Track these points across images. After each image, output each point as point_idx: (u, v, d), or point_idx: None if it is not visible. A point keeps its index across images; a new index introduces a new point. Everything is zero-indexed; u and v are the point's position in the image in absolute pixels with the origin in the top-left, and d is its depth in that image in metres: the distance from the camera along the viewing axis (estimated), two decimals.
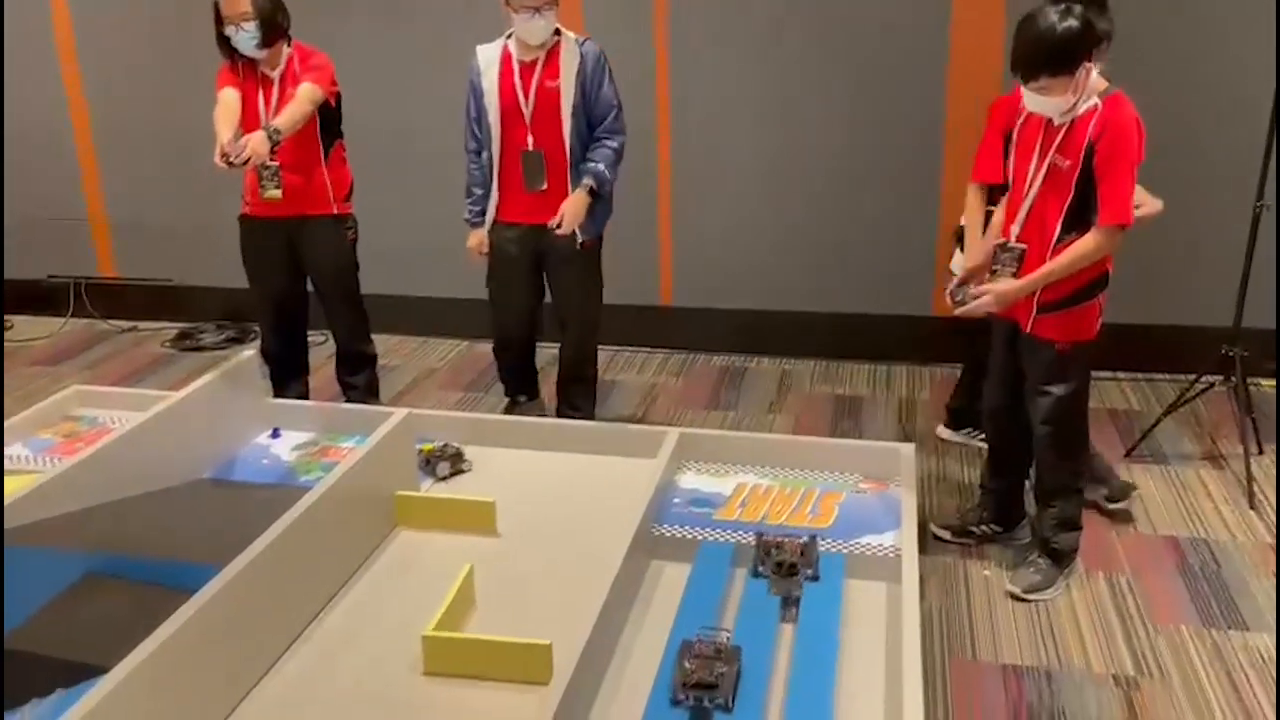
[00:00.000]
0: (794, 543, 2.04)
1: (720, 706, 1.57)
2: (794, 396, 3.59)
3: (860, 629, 1.84)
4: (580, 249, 2.95)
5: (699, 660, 1.65)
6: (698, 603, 1.92)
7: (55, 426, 2.69)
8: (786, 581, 1.96)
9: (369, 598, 1.94)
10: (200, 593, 1.57)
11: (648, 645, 1.80)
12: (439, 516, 2.20)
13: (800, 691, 1.66)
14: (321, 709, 1.59)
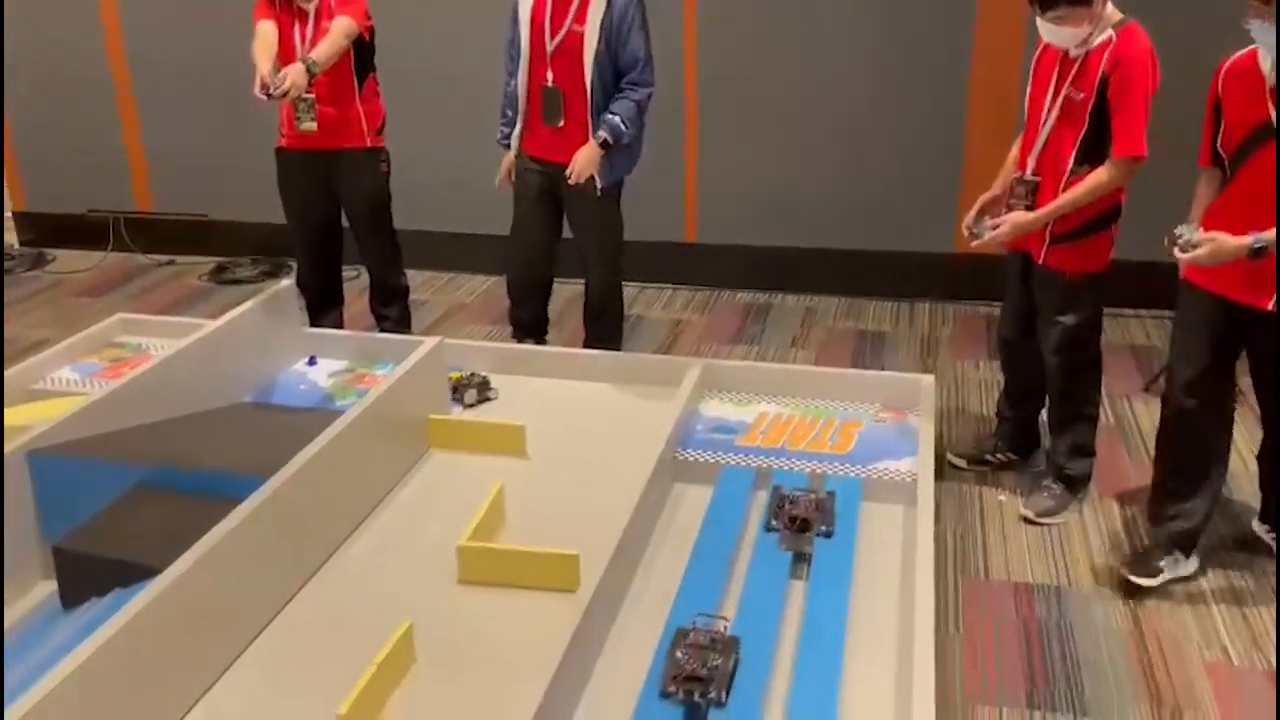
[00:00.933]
0: (809, 498, 2.00)
1: (712, 701, 1.46)
2: (817, 332, 3.64)
3: (875, 552, 1.91)
4: (599, 194, 2.98)
5: (692, 650, 1.53)
6: (718, 522, 2.00)
7: (101, 352, 2.79)
8: (798, 538, 1.90)
9: (405, 513, 2.03)
10: (245, 502, 1.66)
11: (670, 560, 1.88)
12: (470, 439, 2.29)
13: (809, 654, 1.61)
14: (362, 614, 1.69)
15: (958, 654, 1.98)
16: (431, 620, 1.64)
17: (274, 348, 2.68)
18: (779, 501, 1.99)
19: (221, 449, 2.02)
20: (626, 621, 1.72)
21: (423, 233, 4.04)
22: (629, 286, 3.72)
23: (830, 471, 2.16)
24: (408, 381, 2.24)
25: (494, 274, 4.17)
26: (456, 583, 1.79)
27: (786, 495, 2.01)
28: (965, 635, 2.05)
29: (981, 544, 2.38)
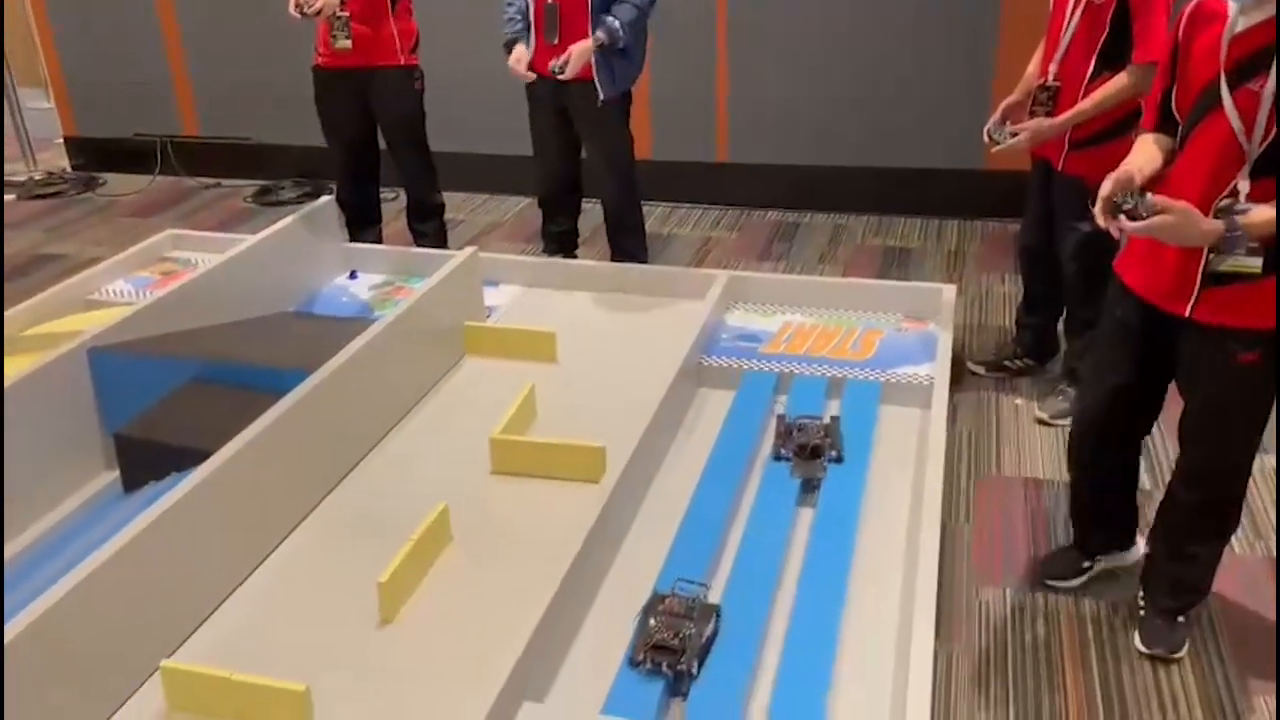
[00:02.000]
0: (817, 424, 1.97)
1: (682, 672, 1.38)
2: (844, 248, 3.67)
3: (890, 454, 1.98)
4: (602, 105, 2.99)
5: (666, 618, 1.44)
6: (740, 422, 2.08)
7: (152, 266, 2.92)
8: (809, 464, 1.87)
9: (441, 411, 2.14)
10: (291, 394, 1.77)
11: (693, 456, 1.97)
12: (504, 345, 2.38)
13: (815, 572, 1.63)
14: (401, 498, 1.80)
15: (967, 541, 2.06)
16: (466, 505, 1.74)
17: (315, 261, 2.79)
18: (785, 430, 1.96)
19: (269, 349, 2.13)
20: (648, 512, 1.82)
21: (457, 154, 4.10)
22: (659, 206, 3.75)
23: (849, 376, 2.24)
24: (443, 290, 2.33)
25: (527, 195, 4.23)
26: (490, 473, 1.89)
27: (793, 424, 1.97)
28: (975, 525, 2.12)
29: (995, 444, 2.44)
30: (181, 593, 1.48)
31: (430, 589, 1.58)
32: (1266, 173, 1.65)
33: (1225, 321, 1.71)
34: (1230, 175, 1.69)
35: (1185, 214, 1.63)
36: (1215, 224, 1.65)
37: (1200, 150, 1.74)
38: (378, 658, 1.44)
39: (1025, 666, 1.77)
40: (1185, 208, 1.64)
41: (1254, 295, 1.69)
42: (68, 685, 1.26)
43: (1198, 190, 1.71)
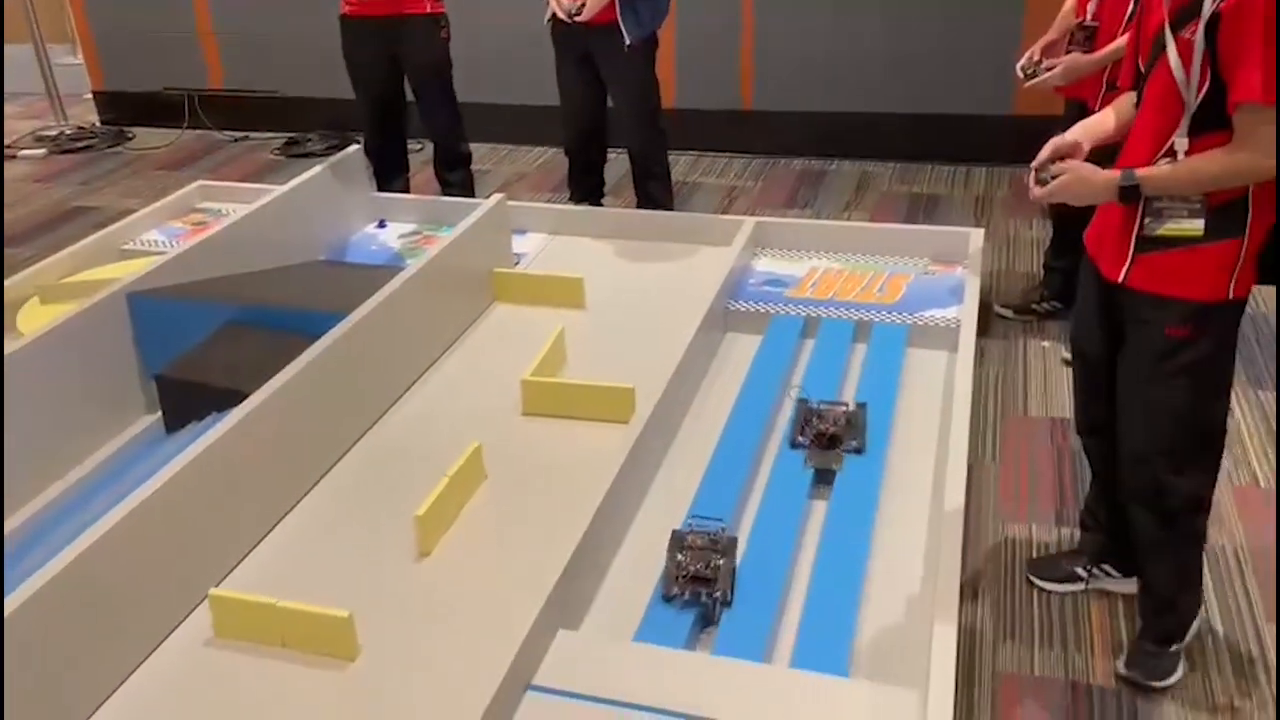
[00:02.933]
0: (837, 411, 1.85)
1: (718, 600, 1.42)
2: (871, 195, 3.67)
3: (916, 397, 1.99)
4: (628, 50, 2.98)
5: (692, 552, 1.48)
6: (767, 365, 2.10)
7: (184, 217, 2.95)
8: (825, 454, 1.76)
9: (472, 355, 2.17)
10: (326, 336, 1.80)
11: (720, 399, 1.99)
12: (532, 291, 2.41)
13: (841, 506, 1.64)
14: (435, 439, 1.84)
15: (993, 481, 2.09)
16: (498, 445, 1.78)
17: (344, 210, 2.81)
18: (805, 417, 1.85)
19: (303, 294, 2.17)
20: (677, 451, 1.85)
21: (483, 105, 4.11)
22: (685, 154, 3.74)
23: (876, 319, 2.24)
24: (472, 236, 2.35)
25: (552, 145, 4.23)
26: (521, 414, 1.93)
27: (814, 410, 1.86)
28: (1001, 464, 2.15)
29: (1023, 386, 2.46)
30: (226, 526, 1.53)
31: (466, 524, 1.62)
32: (1207, 128, 1.56)
33: (1159, 290, 1.62)
34: (1173, 131, 1.58)
35: (1076, 170, 1.60)
36: (1109, 175, 1.59)
37: (1150, 105, 1.67)
38: (416, 588, 1.48)
39: (1050, 600, 1.80)
40: (1076, 165, 1.62)
41: (1190, 263, 1.58)
42: (118, 614, 1.31)
43: (1147, 149, 1.62)
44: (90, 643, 1.27)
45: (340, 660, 1.34)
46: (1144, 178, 1.56)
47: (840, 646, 1.34)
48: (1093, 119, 1.77)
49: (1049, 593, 1.81)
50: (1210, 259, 1.56)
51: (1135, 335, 1.67)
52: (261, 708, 1.28)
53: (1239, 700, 1.69)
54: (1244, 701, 1.70)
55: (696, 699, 1.23)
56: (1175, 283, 1.59)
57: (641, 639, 1.37)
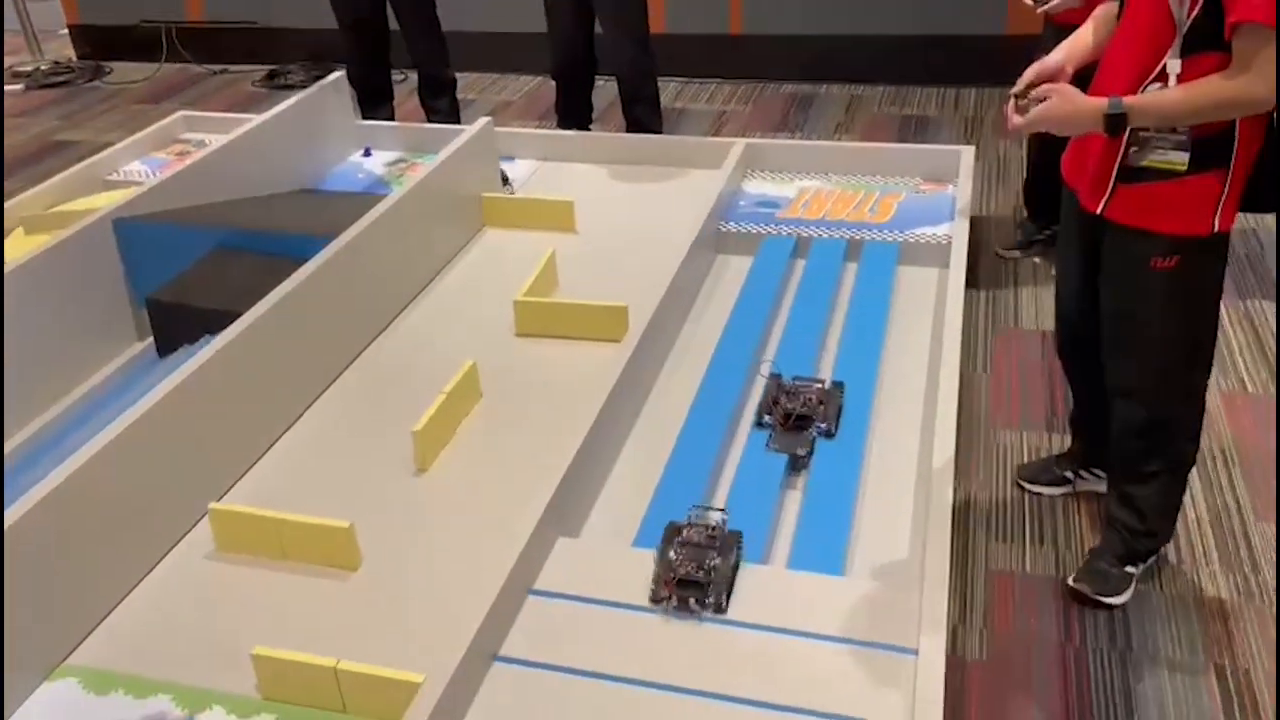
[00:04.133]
0: (811, 389, 1.66)
1: (711, 606, 1.25)
2: (861, 118, 3.64)
3: (908, 308, 2.00)
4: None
5: (688, 550, 1.31)
6: (759, 286, 2.10)
7: (167, 147, 2.91)
8: (791, 437, 1.56)
9: (463, 278, 2.17)
10: (317, 257, 1.79)
11: (713, 320, 2.00)
12: (522, 216, 2.39)
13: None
14: (429, 360, 1.84)
15: (985, 390, 2.11)
16: (493, 365, 1.78)
17: (329, 138, 2.78)
18: (775, 393, 1.65)
19: (291, 219, 2.15)
20: (671, 369, 1.85)
21: (467, 33, 4.04)
22: (673, 81, 3.69)
23: (868, 238, 2.24)
24: (460, 159, 2.33)
25: (538, 73, 4.16)
26: (514, 335, 1.93)
27: (786, 387, 1.67)
28: (993, 374, 2.17)
29: (1013, 300, 2.47)
30: (223, 442, 1.53)
31: (462, 440, 1.63)
32: (1196, 50, 1.44)
33: (1141, 224, 1.56)
34: (1162, 54, 1.46)
35: (1061, 94, 1.45)
36: (1096, 102, 1.45)
37: (1133, 23, 1.53)
38: (416, 501, 1.50)
39: (1041, 502, 1.82)
40: (1061, 88, 1.47)
41: (1174, 196, 1.51)
42: (118, 529, 1.32)
43: (1130, 73, 1.50)
44: (91, 557, 1.28)
45: (342, 570, 1.36)
46: (1132, 106, 1.44)
47: (836, 549, 1.36)
48: (1074, 38, 1.65)
49: (1038, 495, 1.83)
50: (1194, 191, 1.50)
51: (1118, 267, 1.61)
52: (267, 617, 1.29)
53: (1227, 594, 1.73)
54: (1232, 595, 1.74)
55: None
56: (1158, 216, 1.53)
57: (641, 545, 1.39)
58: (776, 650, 1.19)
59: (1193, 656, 1.63)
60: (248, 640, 1.24)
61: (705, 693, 1.15)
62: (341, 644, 1.18)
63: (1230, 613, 1.71)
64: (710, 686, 1.15)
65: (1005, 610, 1.61)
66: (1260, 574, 1.75)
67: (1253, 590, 1.75)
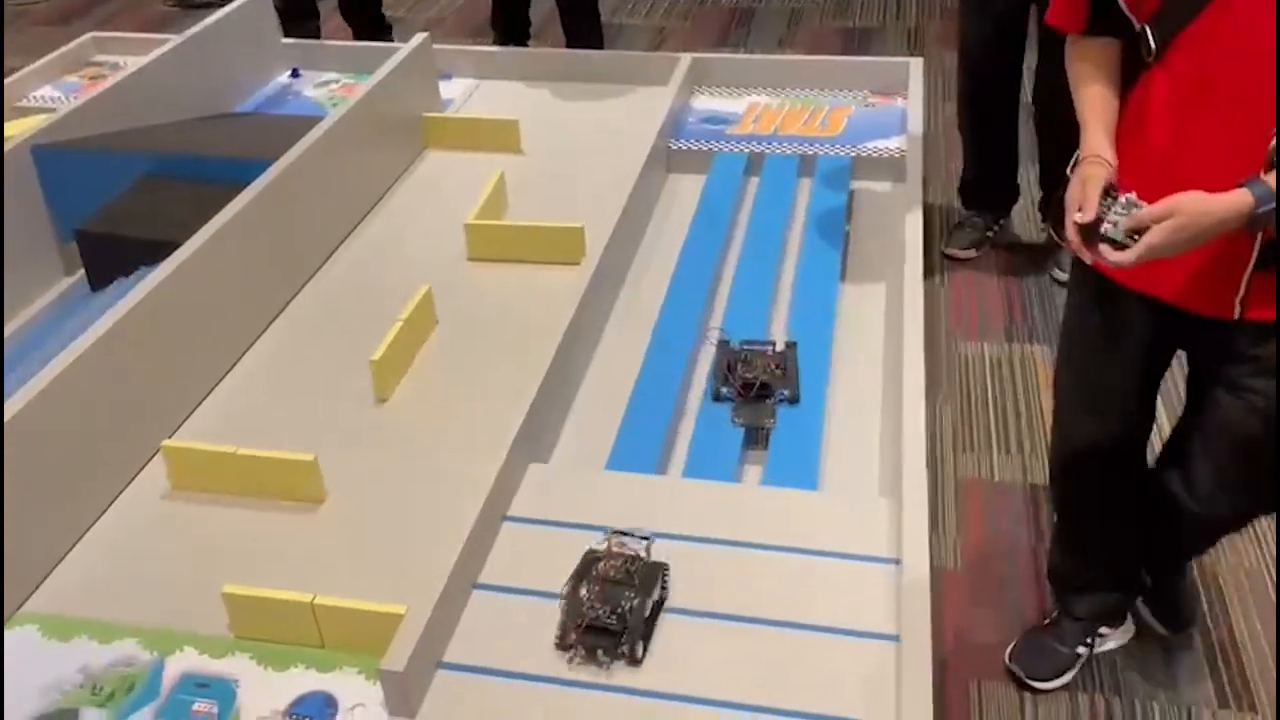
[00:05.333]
0: (766, 356, 1.53)
1: (622, 656, 1.06)
2: (804, 32, 3.60)
3: (865, 223, 1.98)
4: None
5: (601, 587, 1.10)
6: (714, 204, 2.06)
7: (80, 71, 2.75)
8: (754, 408, 1.44)
9: (408, 202, 2.09)
10: (258, 181, 1.71)
11: (669, 241, 1.96)
12: (465, 136, 2.31)
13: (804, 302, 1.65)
14: (377, 288, 1.78)
15: (944, 303, 2.13)
16: (447, 291, 1.73)
17: (252, 58, 2.64)
18: (728, 361, 1.51)
19: (223, 144, 2.04)
20: (631, 289, 1.82)
21: None
22: None
23: (820, 153, 2.22)
24: (397, 78, 2.23)
25: None
26: (466, 260, 1.87)
27: (737, 353, 1.54)
28: (951, 288, 2.19)
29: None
30: (172, 376, 1.46)
31: (421, 368, 1.59)
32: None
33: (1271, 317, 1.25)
34: (1266, 107, 1.08)
35: (1186, 212, 1.07)
36: (1233, 201, 1.09)
37: (1202, 67, 1.14)
38: (378, 432, 1.45)
39: (1006, 410, 1.85)
40: (1181, 205, 1.09)
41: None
42: (66, 474, 1.26)
43: (1239, 150, 1.12)
44: (37, 504, 1.22)
45: (307, 504, 1.32)
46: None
47: (809, 465, 1.35)
48: (1097, 110, 1.26)
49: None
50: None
51: (1257, 369, 1.30)
52: (231, 555, 1.25)
53: None
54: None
55: (673, 519, 1.24)
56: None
57: (613, 468, 1.37)
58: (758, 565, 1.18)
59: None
60: (213, 579, 1.19)
61: (689, 611, 1.14)
62: (312, 579, 1.14)
63: None
64: (690, 605, 1.14)
65: (976, 519, 1.65)
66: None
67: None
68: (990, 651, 1.63)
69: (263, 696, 1.06)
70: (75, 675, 1.09)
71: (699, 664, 1.07)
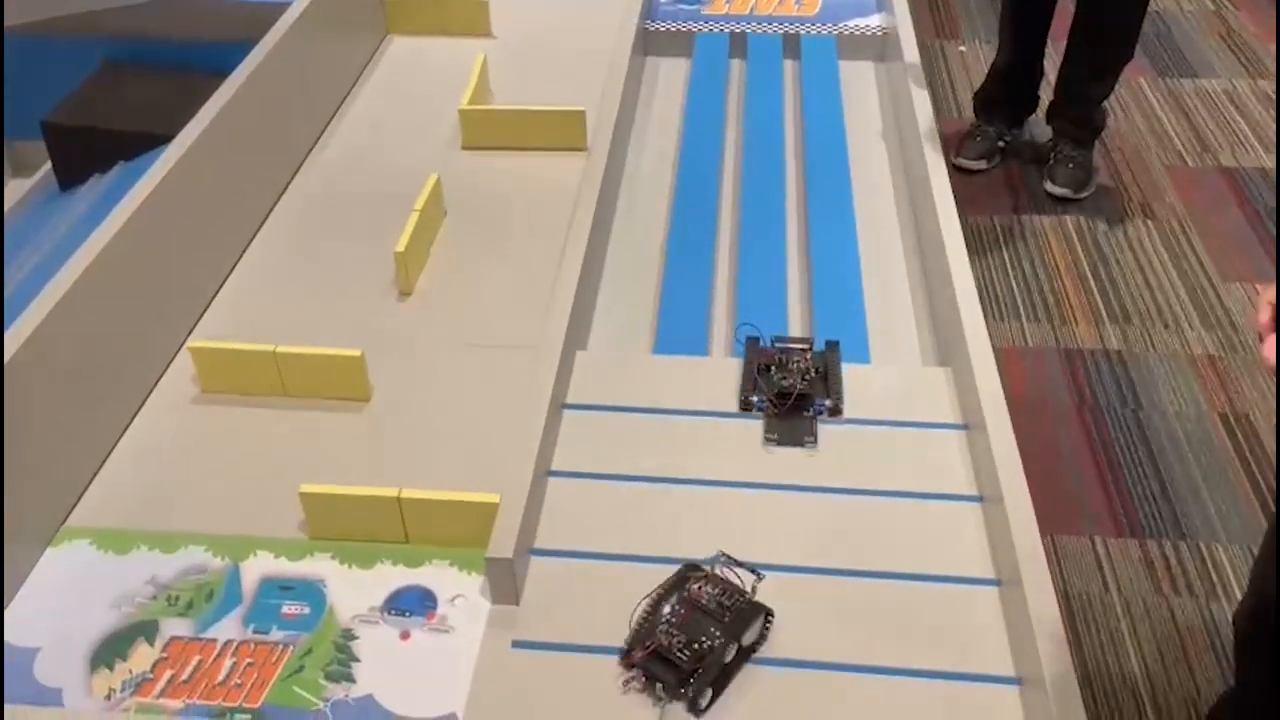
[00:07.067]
0: (802, 355, 1.25)
1: (683, 699, 0.90)
2: None
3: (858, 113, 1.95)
4: None
5: (686, 613, 0.93)
6: (703, 87, 2.01)
7: None
8: (791, 424, 1.18)
9: (381, 91, 1.98)
10: (243, 66, 1.58)
11: (660, 124, 1.91)
12: (431, 19, 2.18)
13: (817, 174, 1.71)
14: (372, 180, 1.69)
15: None
16: (447, 181, 1.65)
17: None
18: (760, 361, 1.25)
19: (178, 29, 1.89)
20: (638, 174, 1.77)
21: None
22: None
23: (802, 32, 2.17)
24: None
25: None
26: (461, 148, 1.79)
27: (770, 354, 1.26)
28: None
29: (951, 89, 2.49)
30: (182, 277, 1.37)
31: (438, 260, 1.52)
32: None
33: None
34: None
35: None
36: None
37: None
38: (409, 328, 1.40)
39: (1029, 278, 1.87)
40: None
41: None
42: (89, 385, 1.17)
43: None
44: (63, 417, 1.13)
45: (353, 402, 1.26)
46: None
47: (858, 338, 1.35)
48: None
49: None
50: None
51: None
52: (281, 456, 1.19)
53: (1214, 350, 1.93)
54: (1218, 350, 1.94)
55: (732, 398, 1.23)
56: None
57: (661, 352, 1.35)
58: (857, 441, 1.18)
59: (1196, 408, 1.82)
60: (270, 481, 1.15)
61: (761, 483, 1.13)
62: (372, 476, 1.10)
63: (1219, 367, 1.90)
64: (763, 478, 1.14)
65: (1019, 384, 1.72)
66: (1240, 332, 1.95)
67: (1235, 345, 1.97)
68: (1059, 507, 1.74)
69: (353, 595, 1.03)
70: (145, 587, 1.03)
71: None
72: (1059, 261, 1.94)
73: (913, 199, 1.64)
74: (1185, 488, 1.84)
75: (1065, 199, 2.46)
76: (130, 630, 0.99)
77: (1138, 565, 1.74)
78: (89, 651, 0.98)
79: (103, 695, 0.94)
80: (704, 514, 1.10)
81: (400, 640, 0.98)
